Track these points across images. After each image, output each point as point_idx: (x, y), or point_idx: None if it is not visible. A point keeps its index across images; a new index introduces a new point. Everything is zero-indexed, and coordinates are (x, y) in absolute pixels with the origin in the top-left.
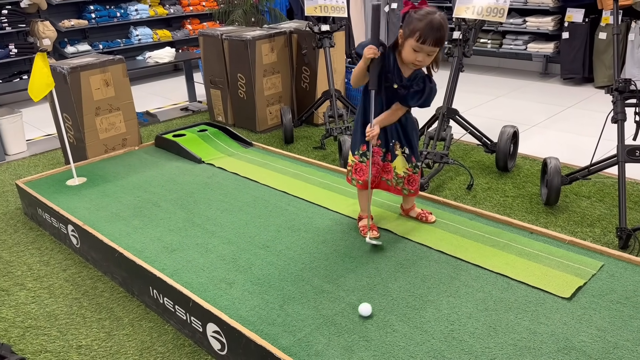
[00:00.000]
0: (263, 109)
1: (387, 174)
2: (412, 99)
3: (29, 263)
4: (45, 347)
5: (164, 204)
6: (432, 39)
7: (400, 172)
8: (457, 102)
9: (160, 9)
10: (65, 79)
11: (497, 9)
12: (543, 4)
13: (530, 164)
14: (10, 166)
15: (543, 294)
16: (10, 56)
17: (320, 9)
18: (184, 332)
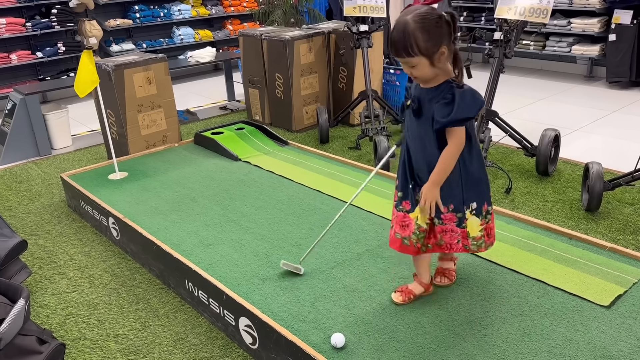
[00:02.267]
0: (299, 108)
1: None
2: (441, 113)
3: (71, 253)
4: (84, 334)
5: (201, 199)
6: (392, 49)
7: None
8: (497, 104)
9: (202, 9)
10: (110, 76)
11: (540, 10)
12: (589, 5)
13: (572, 169)
14: (56, 160)
15: (581, 301)
16: (59, 54)
17: (359, 9)
18: (217, 325)
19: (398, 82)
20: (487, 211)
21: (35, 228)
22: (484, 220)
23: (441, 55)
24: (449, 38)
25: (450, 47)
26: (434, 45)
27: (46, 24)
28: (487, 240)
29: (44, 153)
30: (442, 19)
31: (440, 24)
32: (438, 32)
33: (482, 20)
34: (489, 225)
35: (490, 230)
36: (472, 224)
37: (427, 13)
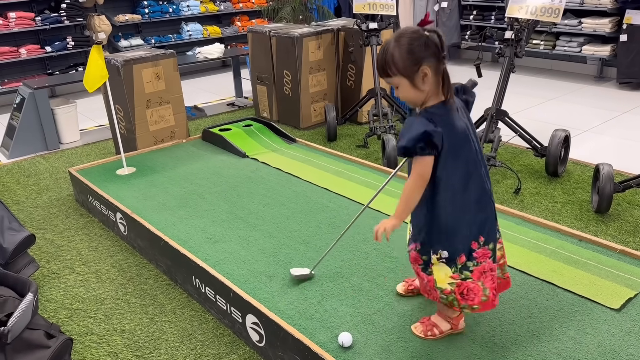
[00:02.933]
0: (307, 106)
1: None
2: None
3: (79, 248)
4: (91, 329)
5: (208, 196)
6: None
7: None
8: (507, 104)
9: (211, 5)
10: (119, 71)
11: (551, 9)
12: (600, 5)
13: (582, 170)
14: (64, 154)
15: (590, 303)
16: (68, 48)
17: (369, 6)
18: (223, 322)
19: None
20: (463, 265)
21: (43, 222)
22: (458, 274)
23: (423, 75)
24: (433, 58)
25: (436, 68)
26: (413, 64)
27: (55, 18)
28: (460, 300)
29: (52, 147)
30: (424, 38)
31: (422, 43)
32: (418, 51)
33: (492, 19)
34: (465, 283)
35: (468, 292)
36: (439, 272)
37: (409, 32)
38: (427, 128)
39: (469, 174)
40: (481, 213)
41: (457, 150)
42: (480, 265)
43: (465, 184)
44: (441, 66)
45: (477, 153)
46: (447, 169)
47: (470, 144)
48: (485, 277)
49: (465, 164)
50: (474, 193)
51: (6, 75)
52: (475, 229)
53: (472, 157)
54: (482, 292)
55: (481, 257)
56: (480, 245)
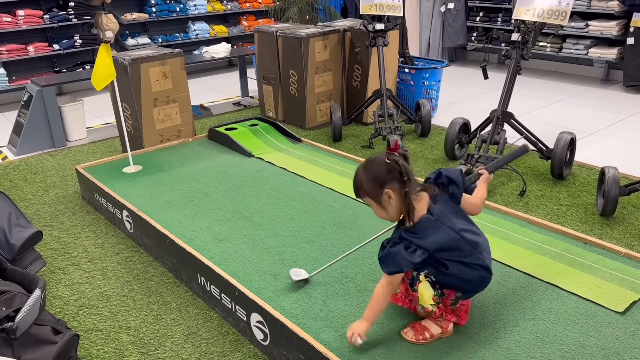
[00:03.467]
0: (313, 106)
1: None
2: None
3: (85, 245)
4: (96, 325)
5: (214, 194)
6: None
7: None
8: (513, 106)
9: (218, 4)
10: (126, 69)
11: (558, 12)
12: (608, 7)
13: (587, 173)
14: (71, 152)
15: (595, 306)
16: (75, 47)
17: (375, 7)
18: (228, 320)
19: (413, 81)
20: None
21: (50, 219)
22: (437, 298)
23: (387, 197)
24: (395, 181)
25: (399, 190)
26: (376, 188)
27: (63, 16)
28: (438, 315)
29: (59, 145)
30: (386, 164)
31: (384, 168)
32: (381, 175)
33: (498, 21)
34: (445, 308)
35: (447, 316)
36: (424, 292)
37: (374, 159)
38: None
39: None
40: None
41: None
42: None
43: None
44: (404, 188)
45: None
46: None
47: (458, 243)
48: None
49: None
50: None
51: (14, 72)
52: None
53: (464, 253)
54: (455, 319)
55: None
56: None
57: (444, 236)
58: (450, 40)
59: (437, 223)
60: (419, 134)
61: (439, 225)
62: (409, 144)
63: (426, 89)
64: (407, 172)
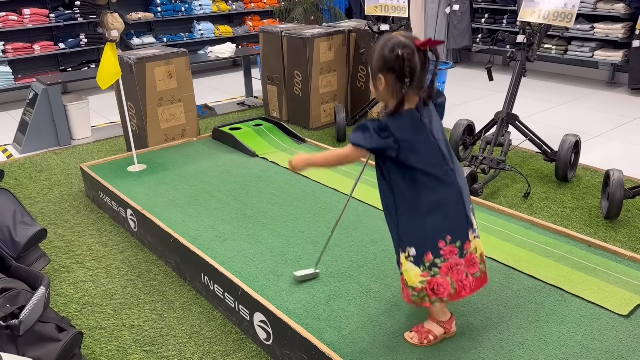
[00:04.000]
0: (317, 106)
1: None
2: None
3: (89, 243)
4: (100, 323)
5: (218, 194)
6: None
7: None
8: (517, 108)
9: (223, 4)
10: (131, 69)
11: (564, 14)
12: (613, 10)
13: (591, 175)
14: (75, 150)
15: (599, 309)
16: (81, 45)
17: (380, 8)
18: (231, 319)
19: None
20: (432, 262)
21: (54, 217)
22: (427, 272)
23: (380, 82)
24: (394, 74)
25: (393, 83)
26: (377, 68)
27: (69, 15)
28: (431, 295)
29: (63, 143)
30: (397, 55)
31: (395, 56)
32: (385, 61)
33: (503, 23)
34: (435, 279)
35: (438, 287)
36: (409, 271)
37: (396, 42)
38: (377, 143)
39: (433, 179)
40: (447, 214)
41: (417, 157)
42: (447, 261)
43: (429, 188)
44: (400, 86)
45: (443, 157)
46: (407, 172)
47: (433, 150)
48: (452, 272)
49: (428, 170)
50: (439, 197)
51: (20, 70)
52: (440, 228)
53: (435, 162)
54: (450, 286)
55: (448, 254)
56: (447, 243)
57: (422, 137)
58: (455, 42)
59: (421, 122)
60: None
61: (421, 125)
62: None
63: None
64: (411, 74)
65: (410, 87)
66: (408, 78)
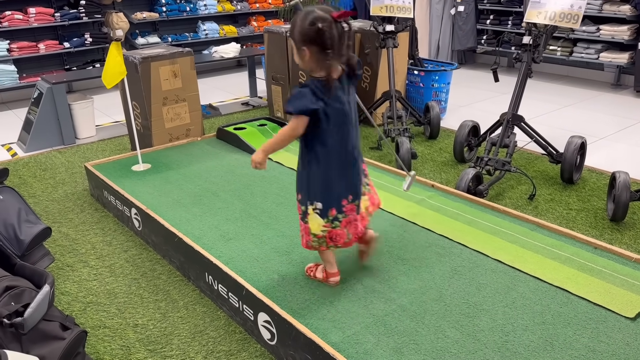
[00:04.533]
0: None
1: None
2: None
3: (93, 242)
4: (104, 322)
5: (222, 193)
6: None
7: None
8: (523, 109)
9: (227, 5)
10: (137, 68)
11: (570, 15)
12: (619, 12)
13: (597, 178)
14: (80, 149)
15: (605, 311)
16: (86, 45)
17: (386, 8)
18: (235, 319)
19: (422, 83)
20: (335, 217)
21: (59, 216)
22: (329, 224)
23: (303, 53)
24: (317, 46)
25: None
26: (300, 40)
27: (74, 14)
28: (329, 242)
29: (68, 142)
30: (317, 28)
31: (314, 30)
32: (308, 34)
33: (509, 24)
34: (335, 230)
35: (336, 237)
36: (314, 221)
37: (314, 17)
38: (311, 104)
39: (341, 143)
40: (350, 176)
41: (332, 122)
42: (347, 217)
43: (338, 151)
44: (325, 56)
45: (349, 126)
46: (323, 136)
47: (344, 118)
48: (350, 225)
49: (338, 133)
50: (344, 159)
51: (24, 69)
52: (345, 189)
53: (344, 129)
54: (346, 236)
55: (348, 212)
56: (348, 202)
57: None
58: (460, 43)
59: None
60: (427, 136)
61: (341, 94)
62: (417, 146)
63: (435, 91)
64: (332, 45)
65: (333, 56)
66: (330, 49)
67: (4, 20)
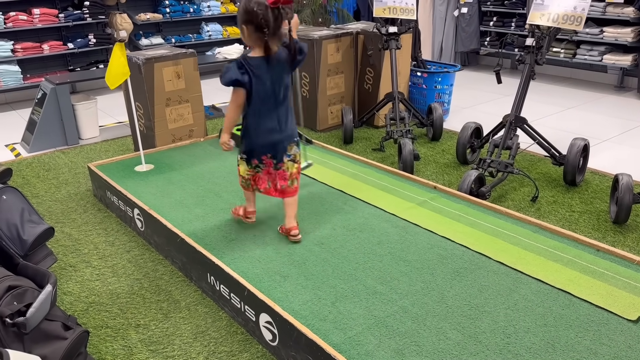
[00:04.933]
0: (324, 108)
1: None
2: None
3: (96, 242)
4: (106, 322)
5: (225, 194)
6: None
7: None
8: (526, 111)
9: (231, 6)
10: (140, 69)
11: (574, 17)
12: (623, 14)
13: (600, 180)
14: (83, 150)
15: (607, 314)
16: (89, 46)
17: (389, 10)
18: (237, 320)
19: (425, 85)
20: (257, 165)
21: (61, 216)
22: (252, 170)
23: (243, 31)
24: (252, 25)
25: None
26: (241, 20)
27: (78, 15)
28: (252, 184)
29: (71, 142)
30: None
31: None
32: (248, 16)
33: (512, 26)
34: (257, 175)
35: (258, 179)
36: (241, 166)
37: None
38: (235, 75)
39: (266, 110)
40: (271, 141)
41: (259, 92)
42: (266, 168)
43: (264, 116)
44: (260, 34)
45: (275, 97)
46: (252, 103)
47: (270, 92)
48: (269, 175)
49: (264, 102)
50: (268, 124)
51: (28, 70)
52: (265, 148)
53: (269, 99)
54: (266, 183)
55: (267, 164)
56: (267, 158)
57: (266, 78)
58: (463, 45)
59: (268, 66)
60: (430, 138)
61: (268, 68)
62: (420, 148)
63: (438, 92)
64: (268, 26)
65: (267, 36)
66: (264, 28)
67: (9, 20)
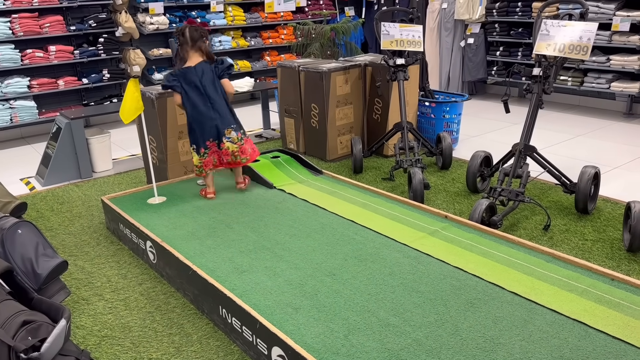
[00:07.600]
0: (334, 138)
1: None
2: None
3: (108, 275)
4: (118, 357)
5: (236, 226)
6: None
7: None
8: (535, 140)
9: (242, 41)
10: (153, 103)
11: (580, 47)
12: (629, 42)
13: (612, 207)
14: (97, 183)
15: (624, 345)
16: (103, 81)
17: (396, 43)
18: (249, 353)
19: (433, 114)
20: (204, 153)
21: (75, 249)
22: (202, 158)
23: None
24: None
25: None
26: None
27: (93, 52)
28: (205, 168)
29: (85, 176)
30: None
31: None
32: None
33: (518, 55)
34: (205, 160)
35: (207, 163)
36: (194, 157)
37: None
38: (167, 82)
39: (199, 108)
40: (209, 128)
41: (190, 94)
42: (211, 150)
43: (199, 111)
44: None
45: (204, 96)
46: (188, 103)
47: (198, 91)
48: (214, 154)
49: (197, 101)
50: (203, 117)
51: (44, 105)
52: (206, 136)
53: (200, 98)
54: (212, 162)
55: (211, 148)
56: (210, 142)
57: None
58: (470, 74)
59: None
60: (440, 167)
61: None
62: (430, 177)
63: (447, 122)
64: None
65: (189, 49)
66: (187, 44)
67: (25, 58)
